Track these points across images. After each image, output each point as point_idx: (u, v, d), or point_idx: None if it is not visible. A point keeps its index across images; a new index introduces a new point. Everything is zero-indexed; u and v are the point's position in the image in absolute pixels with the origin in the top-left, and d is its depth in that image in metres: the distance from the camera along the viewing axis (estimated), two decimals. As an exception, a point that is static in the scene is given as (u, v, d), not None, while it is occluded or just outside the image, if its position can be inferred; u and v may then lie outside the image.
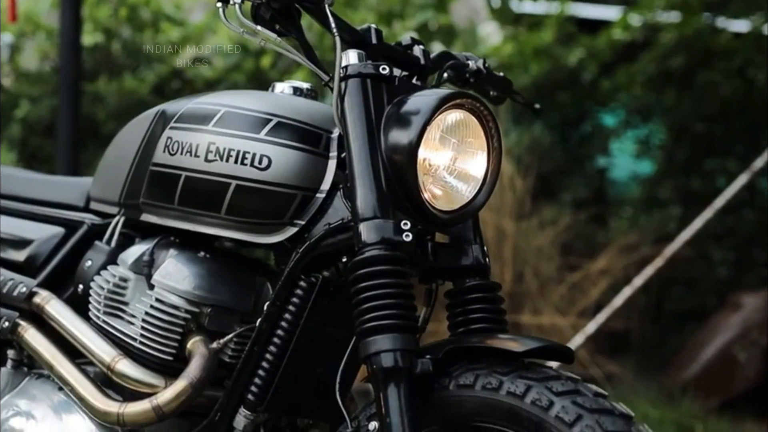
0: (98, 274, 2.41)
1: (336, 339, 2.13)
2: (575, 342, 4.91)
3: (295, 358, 2.18)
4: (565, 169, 7.13)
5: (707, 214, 4.97)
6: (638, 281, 4.91)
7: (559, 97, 7.30)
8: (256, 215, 2.20)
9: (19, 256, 2.60)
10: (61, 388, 2.38)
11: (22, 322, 2.44)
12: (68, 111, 5.46)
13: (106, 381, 2.33)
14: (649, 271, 4.92)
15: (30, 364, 2.49)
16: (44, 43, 7.05)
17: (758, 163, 4.95)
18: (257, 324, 2.20)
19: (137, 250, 2.38)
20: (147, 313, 2.29)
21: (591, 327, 4.90)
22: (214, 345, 2.27)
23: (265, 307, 2.20)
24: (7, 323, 2.44)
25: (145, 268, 2.33)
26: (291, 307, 2.16)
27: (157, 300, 2.29)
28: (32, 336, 2.41)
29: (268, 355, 2.18)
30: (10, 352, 2.49)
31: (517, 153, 6.46)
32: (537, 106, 2.61)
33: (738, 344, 5.85)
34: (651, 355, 6.16)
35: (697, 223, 5.00)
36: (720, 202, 4.96)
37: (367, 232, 2.00)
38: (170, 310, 2.28)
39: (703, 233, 6.42)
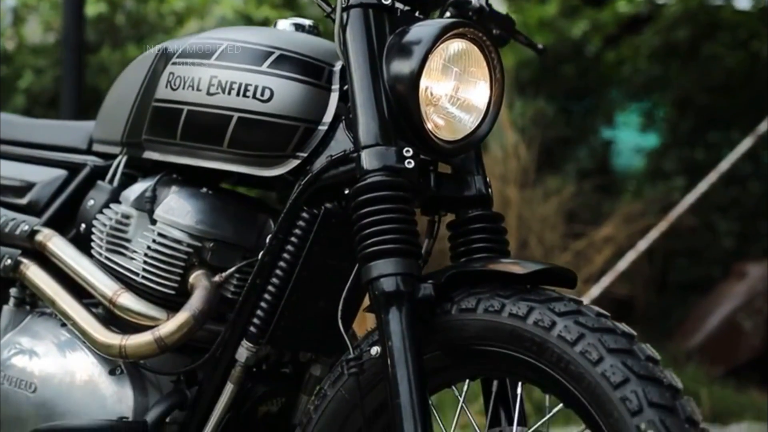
0: (100, 212, 2.41)
1: (338, 272, 2.12)
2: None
3: (297, 290, 2.17)
4: (569, 141, 7.12)
5: (712, 177, 4.96)
6: (642, 245, 4.91)
7: (564, 70, 7.29)
8: (258, 148, 2.19)
9: (22, 199, 2.59)
10: (63, 325, 2.38)
11: (24, 260, 2.44)
12: (72, 82, 5.46)
13: (108, 319, 2.33)
14: (653, 234, 4.92)
15: (32, 303, 2.49)
16: (48, 13, 7.04)
17: (762, 127, 4.94)
18: (259, 257, 2.20)
19: (139, 187, 2.38)
20: (149, 248, 2.29)
21: (595, 291, 4.90)
22: (217, 278, 2.27)
23: (267, 240, 2.20)
24: (9, 261, 2.44)
25: (148, 204, 2.32)
26: (293, 239, 2.16)
27: (160, 235, 2.29)
28: (34, 273, 2.41)
29: (270, 288, 2.17)
30: (13, 291, 2.49)
31: (521, 124, 6.45)
32: (540, 46, 2.59)
33: (743, 313, 5.86)
34: (655, 325, 6.15)
35: (702, 186, 4.99)
36: (725, 165, 4.95)
37: (368, 159, 2.00)
38: (172, 245, 2.28)
39: (708, 204, 6.42)
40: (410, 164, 2.00)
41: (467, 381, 1.99)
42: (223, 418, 2.23)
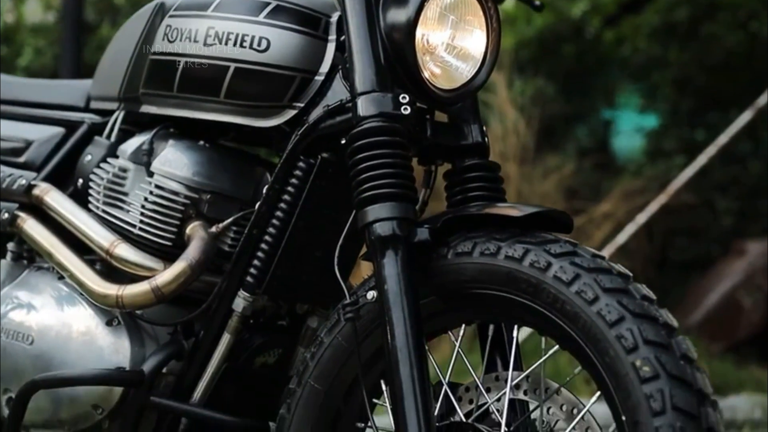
0: (98, 167, 2.41)
1: (335, 222, 2.12)
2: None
3: (293, 240, 2.17)
4: (568, 121, 7.12)
5: (711, 151, 4.96)
6: (642, 218, 4.91)
7: (563, 50, 7.29)
8: (254, 98, 2.20)
9: (20, 157, 2.59)
10: (60, 278, 2.38)
11: (21, 214, 2.43)
12: (71, 60, 5.46)
13: (106, 273, 2.33)
14: (652, 207, 4.92)
15: (30, 258, 2.49)
16: (48, -8, 7.05)
17: (762, 100, 4.94)
18: (256, 207, 2.20)
19: (136, 141, 2.38)
20: (146, 200, 2.29)
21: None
22: (213, 229, 2.27)
23: (264, 191, 2.20)
24: (6, 215, 2.44)
25: (145, 157, 2.32)
26: (290, 189, 2.16)
27: (157, 186, 2.29)
28: (31, 226, 2.41)
29: (267, 237, 2.18)
30: (10, 245, 2.49)
31: (521, 103, 6.45)
32: (538, 2, 2.59)
33: (742, 290, 5.86)
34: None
35: (701, 159, 4.99)
36: (723, 139, 4.95)
37: (365, 105, 2.00)
38: (169, 196, 2.28)
39: (708, 182, 6.42)
40: (406, 111, 2.00)
41: (463, 326, 1.99)
42: (220, 368, 2.23)
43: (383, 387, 2.01)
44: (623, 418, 1.70)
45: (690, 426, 1.64)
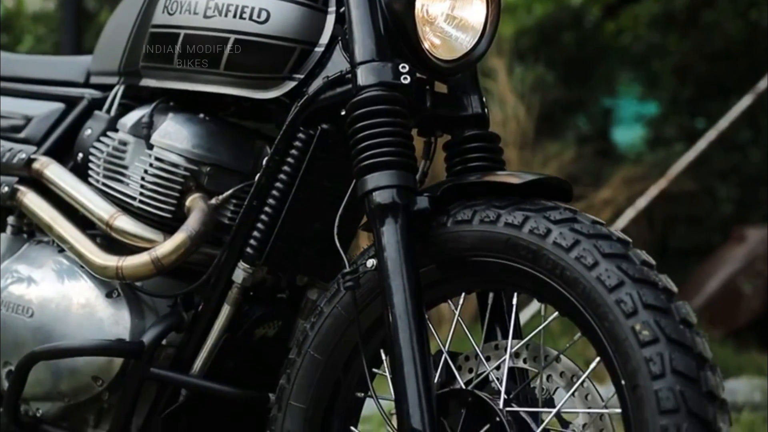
0: (98, 140, 2.41)
1: (335, 194, 2.12)
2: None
3: (293, 211, 2.18)
4: (568, 109, 7.12)
5: (711, 135, 4.96)
6: (642, 202, 4.91)
7: (563, 38, 7.29)
8: (254, 69, 2.20)
9: (20, 133, 2.59)
10: (60, 251, 2.38)
11: (21, 187, 2.43)
12: (71, 47, 5.47)
13: (106, 246, 2.33)
14: (653, 191, 4.92)
15: (30, 232, 2.49)
16: (48, -20, 7.05)
17: (762, 84, 4.94)
18: (256, 179, 2.20)
19: (136, 114, 2.38)
20: (146, 172, 2.30)
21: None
22: (213, 201, 2.27)
23: (264, 162, 2.20)
24: (6, 188, 2.44)
25: (144, 130, 2.33)
26: (289, 160, 2.17)
27: (156, 159, 2.30)
28: (31, 199, 2.41)
29: (266, 209, 2.18)
30: (10, 219, 2.49)
31: (521, 91, 6.44)
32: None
33: (743, 276, 5.86)
34: (655, 290, 6.13)
35: (701, 144, 4.99)
36: (724, 123, 4.95)
37: (364, 75, 2.01)
38: (169, 168, 2.28)
39: (708, 170, 6.42)
40: (406, 80, 2.01)
41: (463, 294, 1.99)
42: (220, 340, 2.23)
43: (383, 356, 2.01)
44: (623, 382, 1.70)
45: (689, 389, 1.64)
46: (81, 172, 2.43)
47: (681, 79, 7.24)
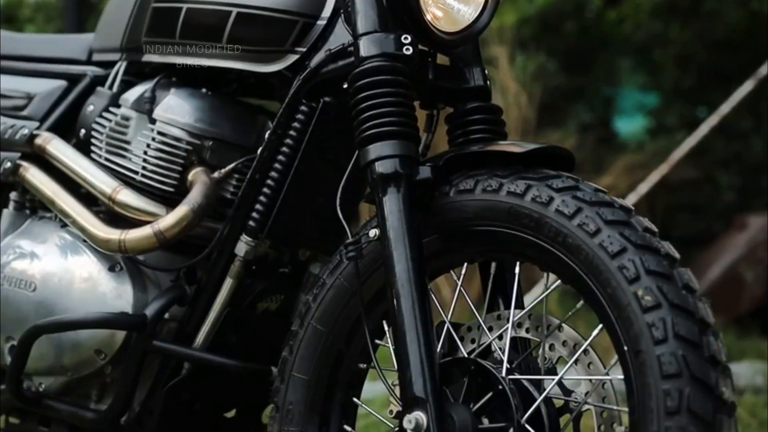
0: (100, 116, 2.41)
1: (337, 168, 2.12)
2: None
3: (295, 184, 2.18)
4: (570, 98, 7.12)
5: (712, 120, 4.96)
6: (643, 188, 4.91)
7: (565, 28, 7.28)
8: (256, 43, 2.20)
9: (22, 111, 2.59)
10: (63, 227, 2.38)
11: (23, 163, 2.43)
12: (73, 31, 5.45)
13: (108, 220, 2.33)
14: (654, 177, 4.92)
15: (32, 208, 2.49)
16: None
17: (763, 70, 4.94)
18: (258, 152, 2.21)
19: (139, 89, 2.38)
20: (148, 146, 2.30)
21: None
22: (216, 175, 2.27)
23: (266, 136, 2.21)
24: (9, 164, 2.44)
25: (147, 105, 2.33)
26: (292, 133, 2.17)
27: (159, 133, 2.30)
28: (34, 175, 2.41)
29: (269, 182, 2.18)
30: (13, 194, 2.49)
31: (523, 79, 6.44)
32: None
33: (744, 264, 5.86)
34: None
35: (703, 129, 4.99)
36: (725, 108, 4.95)
37: (367, 46, 2.01)
38: (172, 142, 2.29)
39: (710, 158, 6.42)
40: (408, 51, 2.00)
41: (465, 264, 1.99)
42: (222, 313, 2.23)
43: (386, 328, 2.01)
44: (625, 348, 1.70)
45: (692, 354, 1.64)
46: (83, 148, 2.43)
47: (682, 68, 7.23)
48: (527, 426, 1.80)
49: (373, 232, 1.96)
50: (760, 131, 6.87)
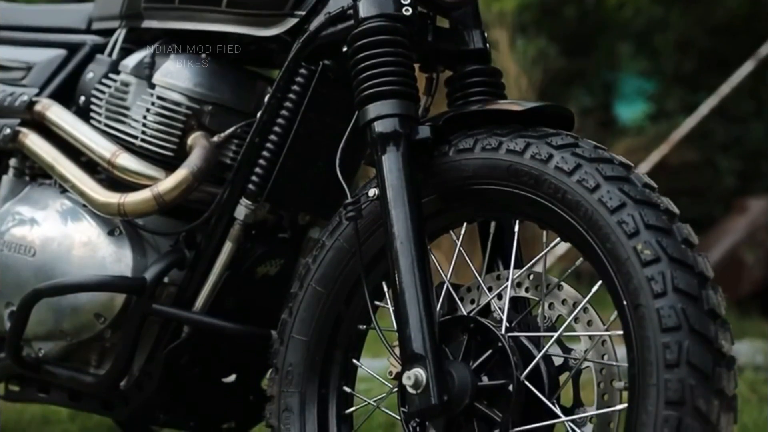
0: (100, 83, 2.42)
1: (336, 131, 2.12)
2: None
3: (295, 147, 2.18)
4: (570, 83, 7.11)
5: (712, 101, 4.96)
6: (644, 168, 4.90)
7: (565, 13, 7.28)
8: (256, 6, 2.20)
9: (22, 80, 2.59)
10: (63, 191, 2.38)
11: (23, 129, 2.43)
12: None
13: (108, 186, 2.33)
14: (654, 157, 4.92)
15: (32, 175, 2.49)
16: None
17: (763, 51, 4.93)
18: (257, 116, 2.20)
19: (138, 55, 2.39)
20: (148, 110, 2.30)
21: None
22: (215, 139, 2.27)
23: (266, 99, 2.21)
24: (8, 130, 2.44)
25: (146, 70, 2.33)
26: (291, 96, 2.17)
27: (158, 98, 2.30)
28: (33, 141, 2.41)
29: (268, 145, 2.18)
30: (12, 161, 2.49)
31: (523, 64, 6.43)
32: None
33: (745, 246, 5.85)
34: (657, 261, 6.12)
35: (703, 110, 4.99)
36: (725, 89, 4.94)
37: (366, 7, 2.00)
38: (171, 107, 2.29)
39: (710, 143, 6.41)
40: (408, 12, 2.00)
41: (464, 224, 1.98)
42: (222, 277, 2.23)
43: (385, 289, 2.01)
44: (624, 302, 1.70)
45: (691, 307, 1.64)
46: (83, 115, 2.43)
47: (683, 52, 7.23)
48: (527, 383, 1.80)
49: (373, 192, 1.96)
50: (761, 115, 6.86)
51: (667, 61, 7.42)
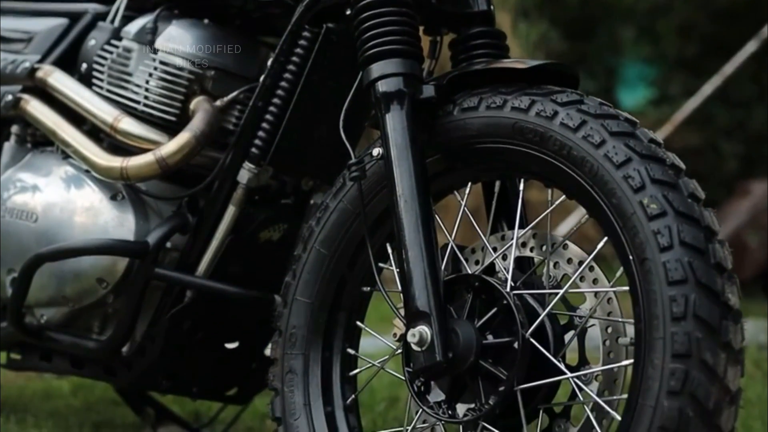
0: (102, 49, 2.40)
1: (339, 96, 2.10)
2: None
3: (298, 110, 2.18)
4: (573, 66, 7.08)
5: (716, 81, 4.95)
6: (646, 148, 4.88)
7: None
8: None
9: (24, 49, 2.58)
10: (65, 158, 2.38)
11: (24, 96, 2.42)
12: None
13: (110, 151, 2.32)
14: (657, 137, 4.88)
15: (34, 143, 2.48)
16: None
17: (764, 31, 4.91)
18: (260, 80, 2.19)
19: (140, 21, 2.38)
20: (150, 75, 2.29)
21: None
22: (218, 103, 2.26)
23: (269, 63, 2.20)
24: (9, 97, 2.43)
25: (149, 36, 2.32)
26: (295, 59, 2.17)
27: (161, 63, 2.29)
28: (35, 107, 2.40)
29: (272, 108, 2.18)
30: (14, 128, 2.48)
31: (525, 47, 6.42)
32: None
33: (748, 229, 5.84)
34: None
35: (706, 90, 4.97)
36: (729, 69, 4.93)
37: None
38: (174, 71, 2.28)
39: (713, 127, 6.40)
40: None
41: (469, 184, 1.97)
42: (225, 241, 2.23)
43: (389, 251, 2.00)
44: (630, 257, 1.69)
45: (698, 260, 1.63)
46: (85, 82, 2.42)
47: (685, 37, 7.21)
48: (532, 340, 1.79)
49: (377, 151, 1.95)
50: (763, 99, 6.85)
51: (669, 45, 7.41)
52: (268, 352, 2.15)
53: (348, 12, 2.02)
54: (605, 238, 1.77)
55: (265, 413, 2.94)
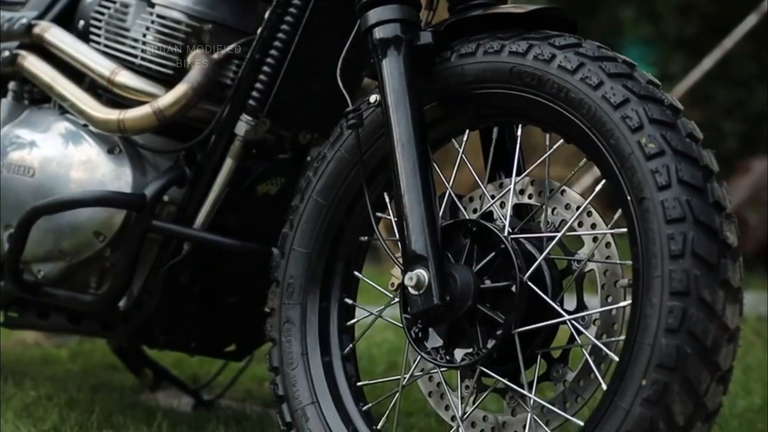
0: (99, 5, 2.39)
1: (337, 47, 2.09)
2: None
3: (296, 63, 2.17)
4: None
5: (716, 54, 4.93)
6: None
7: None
8: None
9: (21, 7, 2.57)
10: (62, 113, 2.37)
11: (21, 52, 2.42)
12: None
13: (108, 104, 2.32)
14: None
15: (31, 99, 2.47)
16: None
17: (764, 5, 4.89)
18: (258, 33, 2.19)
19: (137, -24, 2.36)
20: (147, 29, 2.29)
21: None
22: (215, 56, 2.25)
23: (266, 16, 2.19)
24: (6, 53, 2.43)
25: None
26: (292, 10, 2.16)
27: (158, 16, 2.29)
28: (32, 62, 2.39)
29: (269, 60, 2.17)
30: (11, 84, 2.48)
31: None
32: None
33: (748, 207, 5.83)
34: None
35: (706, 64, 4.95)
36: (729, 43, 4.91)
37: None
38: (171, 24, 2.28)
39: (714, 106, 6.39)
40: None
41: (467, 132, 1.96)
42: (222, 193, 2.22)
43: (387, 200, 1.99)
44: (628, 198, 1.68)
45: (696, 198, 1.62)
46: (83, 39, 2.41)
47: (685, 17, 7.20)
48: (530, 283, 1.78)
49: (374, 98, 1.94)
50: (763, 78, 6.83)
51: (669, 25, 7.39)
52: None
53: None
54: (603, 180, 1.76)
55: (263, 377, 2.94)
